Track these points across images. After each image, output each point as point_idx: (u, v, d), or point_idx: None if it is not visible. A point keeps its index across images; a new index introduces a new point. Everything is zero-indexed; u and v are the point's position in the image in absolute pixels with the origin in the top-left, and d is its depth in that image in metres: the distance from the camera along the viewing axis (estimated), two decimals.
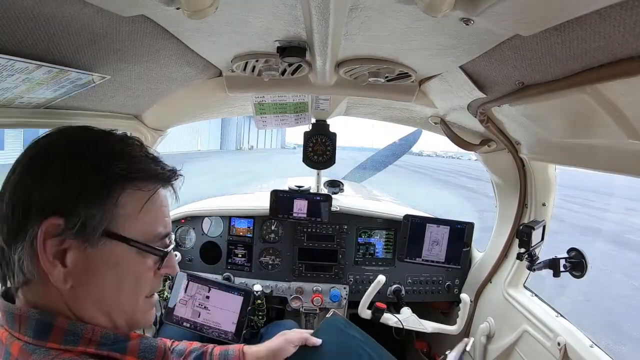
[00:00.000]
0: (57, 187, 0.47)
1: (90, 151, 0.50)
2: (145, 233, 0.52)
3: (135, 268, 0.52)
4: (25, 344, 0.46)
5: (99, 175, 0.49)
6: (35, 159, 0.50)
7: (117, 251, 0.50)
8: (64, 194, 0.47)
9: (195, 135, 27.39)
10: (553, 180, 1.31)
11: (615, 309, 4.80)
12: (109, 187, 0.49)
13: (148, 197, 0.53)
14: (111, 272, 0.50)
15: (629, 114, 0.62)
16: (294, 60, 0.83)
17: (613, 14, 0.44)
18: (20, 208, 0.47)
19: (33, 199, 0.47)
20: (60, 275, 0.47)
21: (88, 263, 0.49)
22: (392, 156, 3.68)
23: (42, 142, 0.52)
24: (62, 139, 0.52)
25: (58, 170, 0.48)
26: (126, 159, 0.51)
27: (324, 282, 1.74)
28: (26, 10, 0.49)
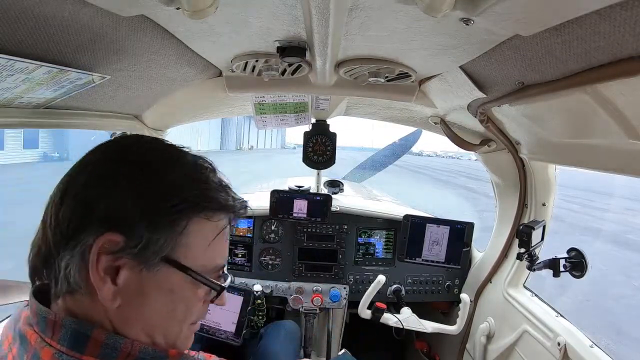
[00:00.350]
0: (125, 202, 0.44)
1: (167, 171, 0.47)
2: (205, 264, 0.50)
3: (188, 297, 0.50)
4: (59, 352, 0.43)
5: (171, 198, 0.46)
6: (108, 165, 0.47)
7: (174, 278, 0.48)
8: (130, 210, 0.45)
9: (195, 135, 27.38)
10: (553, 180, 1.31)
11: (615, 309, 4.80)
12: (179, 213, 0.47)
13: (219, 231, 0.51)
14: (164, 297, 0.48)
15: (629, 114, 0.62)
16: (294, 60, 0.83)
17: (613, 14, 0.44)
18: (79, 214, 0.44)
19: (96, 209, 0.44)
20: (110, 293, 0.45)
21: (141, 285, 0.46)
22: (392, 156, 3.68)
23: (115, 146, 0.50)
24: (137, 149, 0.49)
25: (130, 184, 0.45)
26: (200, 185, 0.49)
27: (324, 282, 1.74)
28: (26, 10, 0.49)
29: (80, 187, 0.46)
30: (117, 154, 0.49)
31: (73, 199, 0.45)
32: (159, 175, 0.47)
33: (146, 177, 0.46)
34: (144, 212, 0.45)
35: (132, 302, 0.46)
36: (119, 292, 0.45)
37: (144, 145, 0.51)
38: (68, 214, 0.45)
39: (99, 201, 0.44)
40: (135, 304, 0.47)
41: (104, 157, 0.49)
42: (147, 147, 0.51)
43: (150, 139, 0.52)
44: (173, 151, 0.52)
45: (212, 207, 0.50)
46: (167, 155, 0.50)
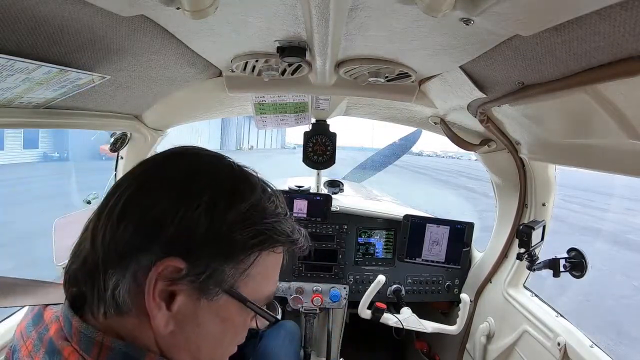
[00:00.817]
0: (198, 228, 0.42)
1: (244, 197, 0.45)
2: (262, 294, 0.49)
3: (240, 324, 0.49)
4: None
5: (246, 229, 0.44)
6: (180, 185, 0.44)
7: (231, 308, 0.46)
8: (201, 237, 0.42)
9: (195, 135, 27.37)
10: (553, 180, 1.31)
11: (615, 309, 4.80)
12: (253, 246, 0.45)
13: (278, 262, 0.50)
14: (218, 325, 0.46)
15: (629, 114, 0.62)
16: (294, 60, 0.83)
17: (613, 14, 0.44)
18: (143, 235, 0.41)
19: (164, 232, 0.41)
20: (164, 319, 0.42)
21: (197, 313, 0.44)
22: (392, 156, 3.68)
23: (182, 162, 0.47)
24: (209, 168, 0.46)
25: (208, 210, 0.42)
26: (273, 217, 0.47)
27: (324, 282, 1.74)
28: (26, 10, 0.49)
29: (147, 207, 0.42)
30: (187, 171, 0.45)
31: (138, 219, 0.42)
32: (235, 201, 0.44)
33: (224, 203, 0.43)
34: (216, 241, 0.42)
35: (185, 328, 0.44)
36: (172, 318, 0.43)
37: (213, 163, 0.48)
38: (128, 234, 0.41)
39: (168, 225, 0.41)
40: (188, 331, 0.45)
41: (174, 175, 0.45)
42: (218, 166, 0.48)
43: (212, 155, 0.49)
44: (243, 172, 0.49)
45: (282, 240, 0.48)
46: (241, 177, 0.48)
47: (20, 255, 5.08)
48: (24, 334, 0.45)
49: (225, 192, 0.44)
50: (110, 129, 1.25)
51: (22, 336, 0.45)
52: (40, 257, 1.12)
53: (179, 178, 0.45)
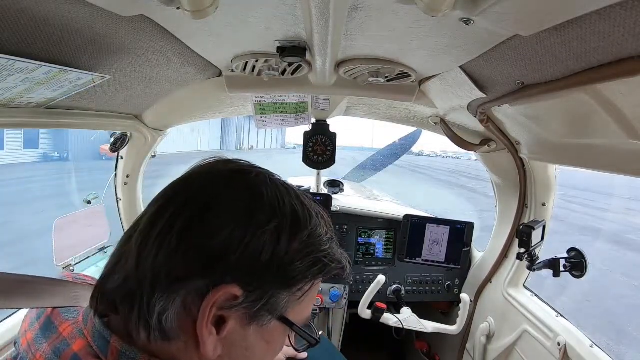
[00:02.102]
0: (262, 256, 0.41)
1: (305, 226, 0.44)
2: (304, 317, 0.48)
3: (281, 344, 0.49)
4: None
5: (306, 258, 0.43)
6: (244, 207, 0.42)
7: (278, 332, 0.45)
8: (265, 265, 0.41)
9: (195, 135, 27.39)
10: (553, 180, 1.31)
11: (616, 309, 4.80)
12: (312, 275, 0.44)
13: (319, 286, 0.50)
14: (263, 348, 0.45)
15: (629, 114, 0.62)
16: (294, 60, 0.83)
17: (613, 14, 0.44)
18: (204, 259, 0.39)
19: (227, 259, 0.39)
20: (213, 344, 0.41)
21: (246, 338, 0.43)
22: (392, 156, 3.69)
23: (243, 181, 0.45)
24: (272, 193, 0.44)
25: (271, 238, 0.41)
26: (327, 244, 0.46)
27: (323, 282, 1.74)
28: (26, 10, 0.49)
29: (213, 232, 0.40)
30: (253, 194, 0.43)
31: (201, 244, 0.40)
32: (298, 229, 0.43)
33: (288, 230, 0.42)
34: (278, 269, 0.41)
35: (232, 352, 0.43)
36: (220, 342, 0.42)
37: (274, 184, 0.46)
38: (189, 259, 0.39)
39: (234, 251, 0.40)
40: (235, 354, 0.44)
41: (240, 198, 0.43)
42: (279, 188, 0.46)
43: (268, 174, 0.47)
44: (298, 196, 0.47)
45: (335, 267, 0.47)
46: (299, 201, 0.46)
47: (20, 255, 5.09)
48: (32, 346, 0.42)
49: (289, 218, 0.43)
50: (110, 129, 1.25)
51: (31, 348, 0.42)
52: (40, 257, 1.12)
53: (245, 202, 0.43)
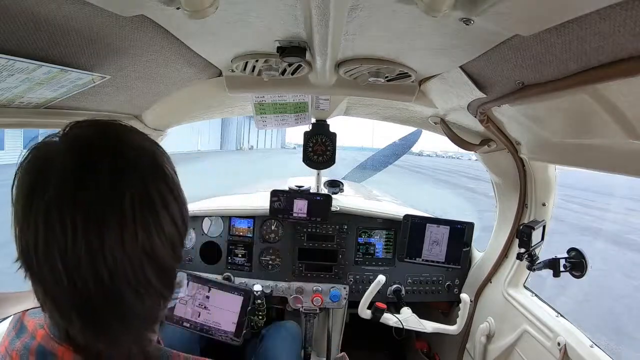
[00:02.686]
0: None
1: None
2: None
3: None
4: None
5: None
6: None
7: None
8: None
9: (195, 135, 27.39)
10: (553, 180, 1.31)
11: (616, 309, 4.80)
12: None
13: None
14: None
15: (629, 114, 0.62)
16: (294, 60, 0.83)
17: (613, 14, 0.43)
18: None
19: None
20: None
21: None
22: (392, 156, 3.68)
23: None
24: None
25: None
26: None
27: (324, 282, 1.74)
28: (26, 10, 0.49)
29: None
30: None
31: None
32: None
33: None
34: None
35: None
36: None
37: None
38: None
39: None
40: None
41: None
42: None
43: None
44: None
45: None
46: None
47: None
48: (8, 349, 0.45)
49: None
50: None
51: (7, 351, 0.45)
52: None
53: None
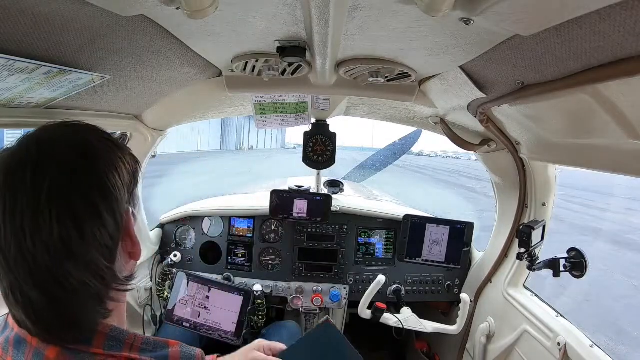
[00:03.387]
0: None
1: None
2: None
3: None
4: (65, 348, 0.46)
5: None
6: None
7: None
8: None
9: (195, 135, 27.39)
10: (553, 180, 1.31)
11: (616, 309, 4.80)
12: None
13: None
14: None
15: (629, 114, 0.62)
16: (294, 60, 0.83)
17: (613, 14, 0.44)
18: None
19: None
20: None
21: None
22: (392, 156, 3.67)
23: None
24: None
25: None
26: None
27: (324, 282, 1.74)
28: (26, 10, 0.49)
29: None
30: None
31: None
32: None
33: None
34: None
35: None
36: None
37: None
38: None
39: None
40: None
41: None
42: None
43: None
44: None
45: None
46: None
47: None
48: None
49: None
50: (110, 129, 1.25)
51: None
52: None
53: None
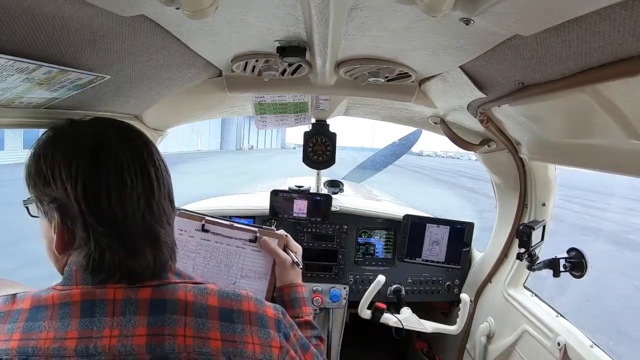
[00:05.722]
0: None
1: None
2: None
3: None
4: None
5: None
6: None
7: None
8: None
9: (195, 135, 27.40)
10: (553, 180, 1.31)
11: (616, 309, 4.80)
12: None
13: None
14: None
15: (629, 114, 0.62)
16: (294, 60, 0.83)
17: (613, 14, 0.43)
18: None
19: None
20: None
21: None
22: (392, 156, 3.68)
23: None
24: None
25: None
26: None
27: (324, 282, 1.74)
28: (26, 10, 0.49)
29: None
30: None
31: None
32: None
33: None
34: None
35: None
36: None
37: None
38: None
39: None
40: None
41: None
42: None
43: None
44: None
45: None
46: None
47: (21, 255, 5.08)
48: (32, 334, 0.51)
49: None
50: None
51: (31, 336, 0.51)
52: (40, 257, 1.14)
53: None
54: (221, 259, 0.91)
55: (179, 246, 0.88)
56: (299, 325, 0.76)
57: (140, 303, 0.53)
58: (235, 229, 0.91)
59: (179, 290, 0.56)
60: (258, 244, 0.91)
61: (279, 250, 0.91)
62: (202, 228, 0.91)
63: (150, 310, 0.53)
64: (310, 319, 0.85)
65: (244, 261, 0.92)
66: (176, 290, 0.56)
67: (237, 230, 0.91)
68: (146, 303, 0.53)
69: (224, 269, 0.91)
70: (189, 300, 0.55)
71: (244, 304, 0.58)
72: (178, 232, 0.90)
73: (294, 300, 0.87)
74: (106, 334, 0.50)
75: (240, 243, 0.91)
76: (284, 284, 0.89)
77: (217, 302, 0.56)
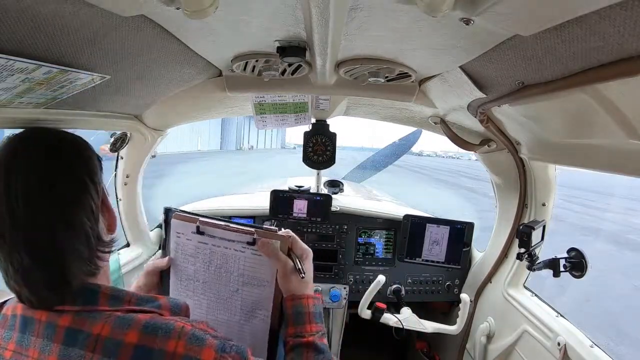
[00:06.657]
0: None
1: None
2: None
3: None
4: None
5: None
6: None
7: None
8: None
9: (195, 135, 27.40)
10: (553, 180, 1.31)
11: (616, 309, 4.80)
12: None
13: None
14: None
15: (629, 114, 0.62)
16: (294, 60, 0.83)
17: (613, 14, 0.43)
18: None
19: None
20: None
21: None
22: (392, 156, 3.68)
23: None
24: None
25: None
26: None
27: (324, 282, 1.74)
28: (26, 10, 0.49)
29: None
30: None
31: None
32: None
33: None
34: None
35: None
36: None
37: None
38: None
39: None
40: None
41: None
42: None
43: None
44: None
45: None
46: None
47: None
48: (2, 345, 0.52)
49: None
50: (110, 129, 1.25)
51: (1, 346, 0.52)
52: None
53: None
54: (220, 264, 0.81)
55: (178, 250, 0.82)
56: (298, 346, 0.65)
57: (58, 329, 0.49)
58: (231, 230, 0.80)
59: (98, 320, 0.50)
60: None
61: (279, 253, 0.75)
62: (197, 230, 0.82)
63: (64, 340, 0.49)
64: (314, 339, 0.67)
65: (244, 266, 0.80)
66: (95, 320, 0.50)
67: (233, 232, 0.80)
68: (62, 331, 0.49)
69: (224, 274, 0.81)
70: (102, 335, 0.49)
71: (169, 343, 0.48)
72: (176, 234, 0.84)
73: (296, 315, 0.71)
74: (30, 354, 0.49)
75: (238, 246, 0.80)
76: (287, 295, 0.74)
77: (137, 339, 0.48)
